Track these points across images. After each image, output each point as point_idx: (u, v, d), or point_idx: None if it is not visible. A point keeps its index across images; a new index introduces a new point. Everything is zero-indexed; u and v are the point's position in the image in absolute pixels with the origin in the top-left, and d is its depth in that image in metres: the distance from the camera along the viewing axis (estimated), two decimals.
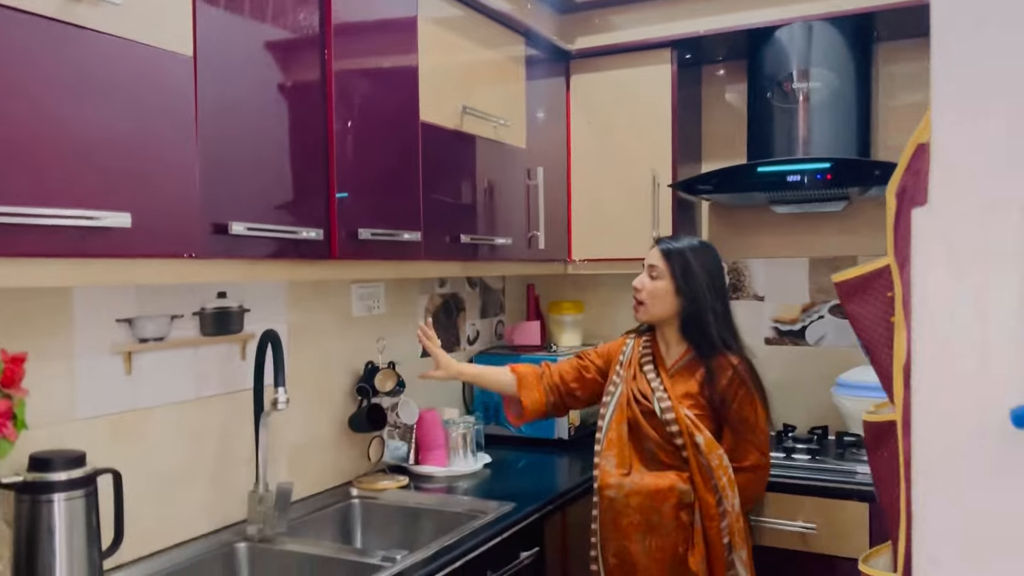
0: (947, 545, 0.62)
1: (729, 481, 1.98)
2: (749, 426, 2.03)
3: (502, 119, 2.52)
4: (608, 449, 2.08)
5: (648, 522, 1.99)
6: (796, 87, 2.69)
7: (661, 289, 2.09)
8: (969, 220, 0.60)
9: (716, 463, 1.98)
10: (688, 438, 2.00)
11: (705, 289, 2.06)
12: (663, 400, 2.04)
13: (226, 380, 2.02)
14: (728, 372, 2.03)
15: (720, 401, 2.02)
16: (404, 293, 2.68)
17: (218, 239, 1.56)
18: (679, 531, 1.98)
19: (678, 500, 1.97)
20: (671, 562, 1.98)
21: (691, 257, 2.08)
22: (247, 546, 1.92)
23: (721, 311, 2.09)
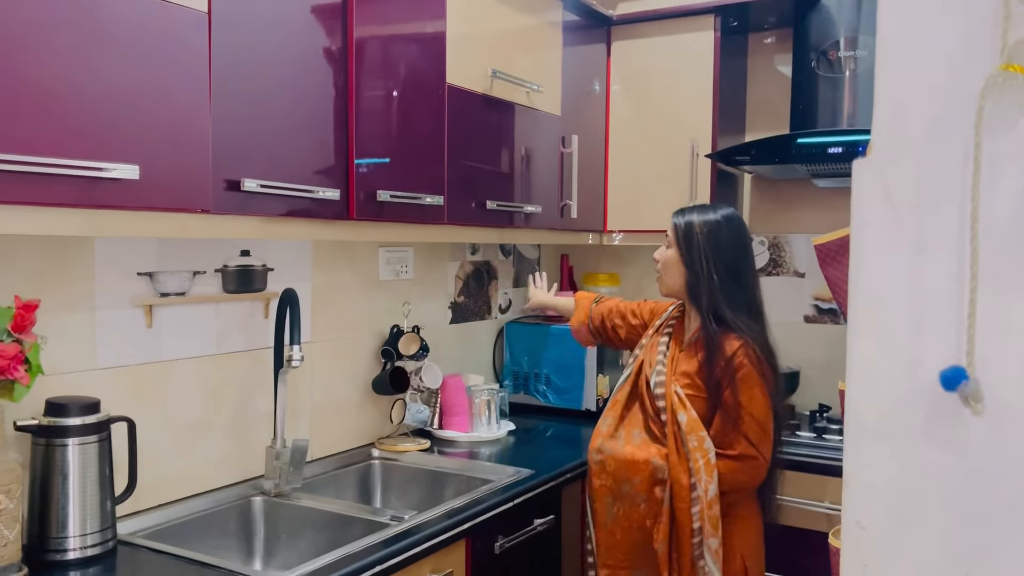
0: (875, 510, 0.59)
1: (706, 465, 1.87)
2: (741, 413, 1.89)
3: (536, 85, 2.48)
4: (610, 409, 2.05)
5: (619, 489, 1.95)
6: (842, 56, 2.59)
7: (671, 258, 2.03)
8: (908, 167, 0.57)
9: (694, 445, 1.88)
10: (671, 414, 1.92)
11: (703, 258, 1.96)
12: (659, 374, 1.98)
13: (248, 337, 2.06)
14: (727, 354, 1.91)
15: (716, 383, 1.92)
16: (434, 259, 2.68)
17: (231, 195, 1.58)
18: (649, 505, 1.91)
19: (651, 475, 1.91)
20: (636, 533, 1.93)
21: (697, 226, 1.98)
22: (263, 500, 1.97)
23: (727, 286, 1.95)
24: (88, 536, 1.54)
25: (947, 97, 0.55)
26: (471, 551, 1.86)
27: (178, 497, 1.89)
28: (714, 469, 1.88)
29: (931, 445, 0.57)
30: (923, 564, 0.57)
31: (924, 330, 0.57)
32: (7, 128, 1.23)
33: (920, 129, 0.57)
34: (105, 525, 1.57)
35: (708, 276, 1.95)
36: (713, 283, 1.95)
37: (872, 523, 0.59)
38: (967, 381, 0.54)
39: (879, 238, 0.58)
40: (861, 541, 0.60)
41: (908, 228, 0.57)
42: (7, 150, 1.22)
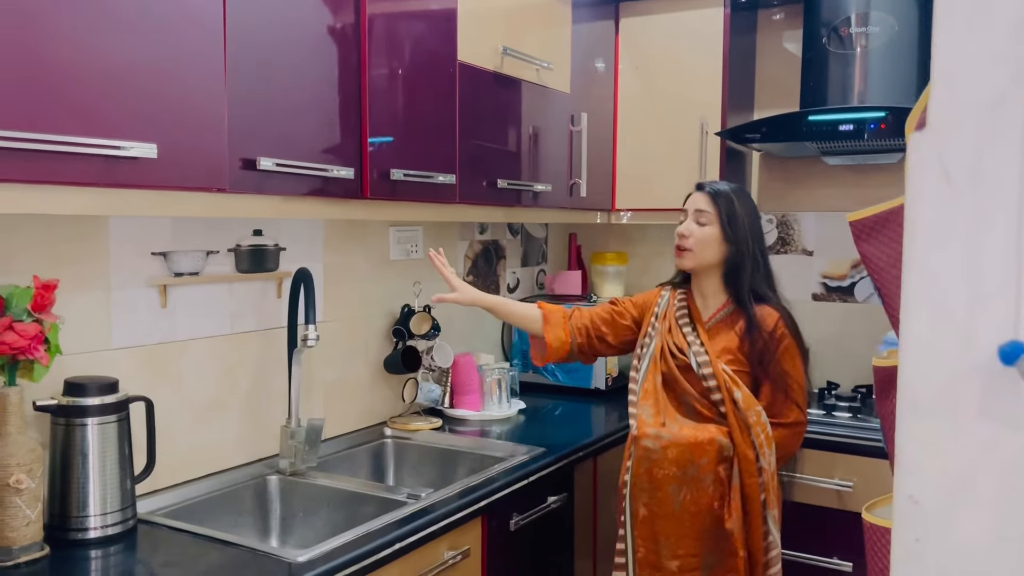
0: (927, 484, 0.59)
1: (767, 438, 1.92)
2: (790, 380, 1.97)
3: (545, 62, 2.47)
4: (644, 399, 2.01)
5: (684, 474, 1.91)
6: (853, 32, 2.57)
7: (710, 235, 2.02)
8: (966, 142, 0.56)
9: (754, 420, 1.92)
10: (727, 394, 1.93)
11: (749, 236, 2.00)
12: (700, 355, 1.98)
13: (261, 317, 2.06)
14: (770, 324, 1.97)
15: (761, 354, 1.96)
16: (443, 238, 2.68)
17: (247, 174, 1.57)
18: (716, 486, 1.91)
19: (718, 454, 1.90)
20: (705, 516, 1.92)
21: (736, 202, 2.02)
22: (278, 479, 1.97)
23: (763, 260, 2.03)
24: (108, 515, 1.54)
25: (1008, 67, 0.54)
26: (487, 529, 1.87)
27: (194, 476, 1.90)
28: (773, 441, 1.94)
29: (986, 420, 0.57)
30: (976, 537, 0.58)
31: (980, 306, 0.56)
32: (23, 107, 1.22)
33: (979, 101, 0.56)
34: (125, 504, 1.57)
35: (753, 254, 2.00)
36: (757, 261, 2.00)
37: (924, 497, 0.60)
38: None
39: (934, 213, 0.58)
40: (913, 515, 0.60)
41: (965, 202, 0.57)
42: (24, 128, 1.21)
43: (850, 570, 2.35)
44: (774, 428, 1.96)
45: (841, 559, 2.36)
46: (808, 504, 2.38)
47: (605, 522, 2.40)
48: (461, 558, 1.77)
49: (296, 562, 1.45)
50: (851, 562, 2.35)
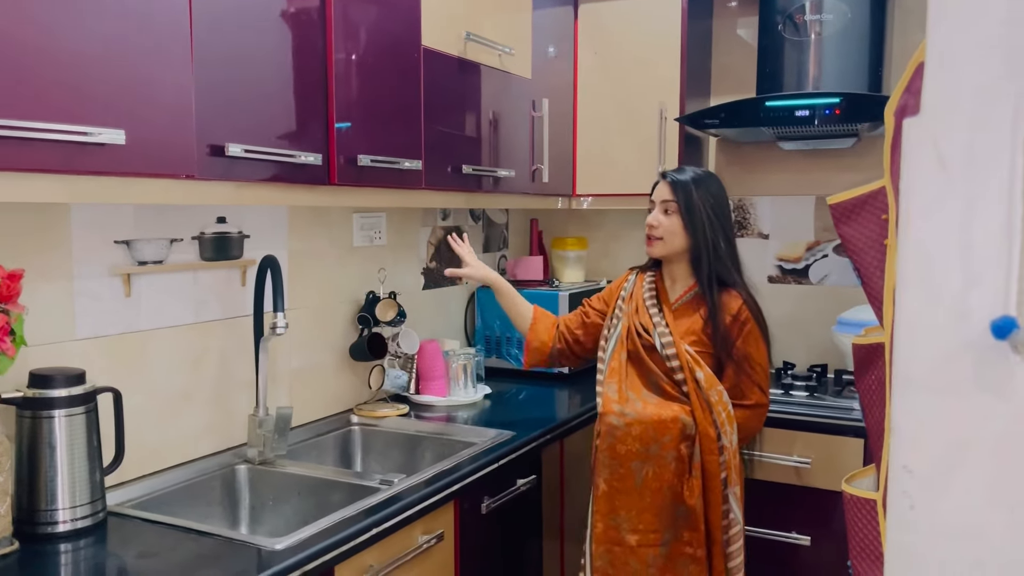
0: (921, 454, 0.62)
1: (728, 417, 1.97)
2: (752, 363, 2.02)
3: (507, 47, 2.47)
4: (611, 377, 2.05)
5: (647, 451, 1.96)
6: (808, 19, 2.63)
7: (676, 224, 2.06)
8: (959, 127, 0.59)
9: (716, 399, 1.97)
10: (689, 373, 1.98)
11: (709, 222, 2.03)
12: (664, 335, 2.03)
13: (226, 305, 2.03)
14: (733, 308, 2.02)
15: (724, 337, 2.00)
16: (406, 224, 2.67)
17: (215, 161, 1.55)
18: (677, 463, 1.96)
19: (680, 432, 1.95)
20: (666, 492, 1.97)
21: (695, 189, 2.04)
22: (247, 468, 1.96)
23: (725, 245, 2.06)
24: (78, 508, 1.52)
25: (1000, 55, 0.57)
26: (459, 512, 1.89)
27: (161, 468, 1.87)
28: (734, 420, 1.99)
29: (978, 391, 0.59)
30: (968, 503, 0.61)
31: (972, 283, 0.59)
32: None
33: (971, 87, 0.59)
34: (95, 497, 1.55)
35: (713, 241, 2.03)
36: (719, 248, 2.04)
37: (919, 467, 0.62)
38: (1018, 330, 0.56)
39: (928, 195, 0.61)
40: (908, 484, 0.63)
41: (958, 185, 0.59)
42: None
43: (808, 543, 2.42)
44: (736, 408, 2.01)
45: (799, 533, 2.43)
46: (768, 481, 2.44)
47: (572, 503, 2.43)
48: (435, 542, 1.78)
49: (273, 550, 1.44)
50: (809, 536, 2.42)
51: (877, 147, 2.83)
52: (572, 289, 2.89)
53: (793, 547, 2.44)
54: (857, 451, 2.35)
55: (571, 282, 3.08)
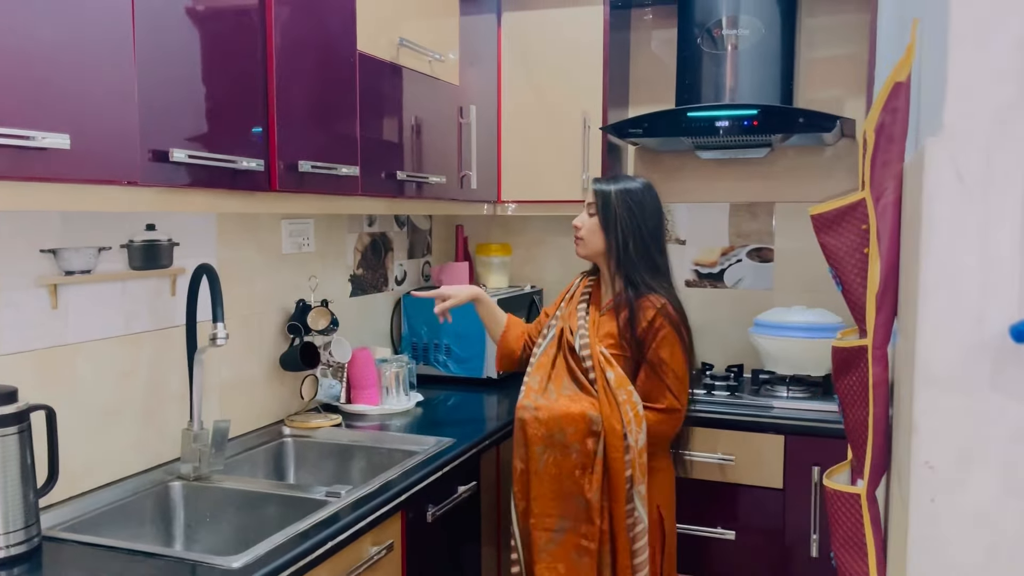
0: (941, 451, 0.67)
1: (636, 416, 2.01)
2: (665, 368, 2.05)
3: (438, 54, 2.47)
4: (536, 371, 2.14)
5: (551, 438, 2.02)
6: (725, 33, 2.73)
7: (593, 225, 2.14)
8: (977, 146, 0.64)
9: (624, 398, 2.01)
10: (600, 372, 2.04)
11: (621, 223, 2.08)
12: (583, 337, 2.10)
13: (156, 316, 1.95)
14: (649, 314, 2.05)
15: (639, 342, 2.06)
16: (333, 231, 2.63)
17: (158, 167, 1.49)
18: (581, 455, 2.01)
19: (587, 426, 2.00)
20: (565, 480, 2.02)
21: (615, 195, 2.10)
22: (181, 484, 1.88)
23: (643, 251, 2.10)
24: (12, 534, 1.43)
25: (1015, 80, 0.62)
26: (406, 522, 1.87)
27: (90, 488, 1.78)
28: (643, 420, 2.03)
29: (994, 390, 0.64)
30: (986, 495, 0.65)
31: (990, 290, 0.64)
32: None
33: (989, 110, 0.63)
34: (29, 521, 1.46)
35: (624, 243, 2.08)
36: (629, 249, 2.08)
37: (939, 463, 0.67)
38: None
39: (949, 209, 0.65)
40: (929, 479, 0.67)
41: (976, 200, 0.64)
42: None
43: (733, 538, 2.51)
44: (649, 411, 2.05)
45: (724, 528, 2.52)
46: (695, 479, 2.52)
47: (508, 508, 2.45)
48: (386, 552, 1.77)
49: (230, 568, 1.40)
50: (734, 530, 2.51)
51: (787, 157, 2.98)
52: (498, 294, 2.91)
53: (720, 542, 2.52)
54: (777, 447, 2.46)
55: (496, 287, 3.10)
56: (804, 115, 2.55)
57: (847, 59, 2.88)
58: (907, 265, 0.82)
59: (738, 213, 3.08)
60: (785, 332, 2.76)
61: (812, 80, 2.93)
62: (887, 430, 0.93)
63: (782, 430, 2.45)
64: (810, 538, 2.41)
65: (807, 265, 2.97)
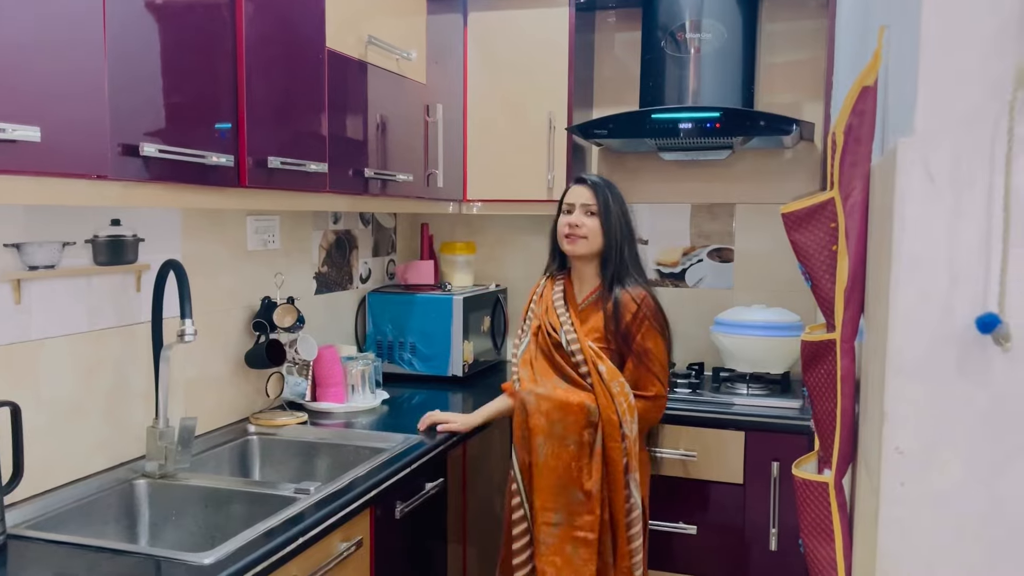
0: (910, 436, 0.70)
1: (629, 407, 2.10)
2: (651, 357, 2.15)
3: (405, 52, 2.48)
4: (522, 366, 2.21)
5: (551, 429, 2.07)
6: (688, 37, 2.78)
7: (597, 226, 2.19)
8: (946, 147, 0.67)
9: (617, 389, 2.09)
10: (592, 366, 2.11)
11: (619, 226, 2.18)
12: (570, 333, 2.15)
13: (121, 312, 1.93)
14: (633, 307, 2.14)
15: (625, 334, 2.13)
16: (298, 228, 2.62)
17: (128, 160, 1.48)
18: (578, 447, 2.06)
19: (585, 417, 2.06)
20: (563, 473, 2.06)
21: (610, 195, 2.19)
22: (147, 483, 1.86)
23: (629, 248, 2.20)
24: None
25: (982, 85, 0.66)
26: (374, 518, 1.87)
27: (55, 485, 1.76)
28: (635, 410, 2.10)
29: (960, 379, 0.68)
30: (952, 477, 0.69)
31: (957, 284, 0.67)
32: None
33: (957, 113, 0.67)
34: None
35: (620, 244, 2.17)
36: (624, 251, 2.17)
37: (908, 448, 0.70)
38: (1000, 324, 0.65)
39: (919, 207, 0.68)
40: (899, 463, 0.71)
41: (945, 199, 0.68)
42: None
43: (695, 532, 2.56)
44: (637, 399, 2.13)
45: (686, 523, 2.57)
46: (659, 474, 2.56)
47: (474, 505, 2.46)
48: (355, 549, 1.77)
49: (202, 564, 1.39)
50: (695, 525, 2.56)
51: (748, 159, 3.04)
52: (464, 293, 2.92)
53: (683, 536, 2.57)
54: (737, 443, 2.51)
55: (461, 286, 3.11)
56: (765, 118, 2.61)
57: (805, 64, 2.95)
58: (875, 261, 0.86)
59: (699, 214, 3.13)
60: (745, 331, 2.82)
61: (771, 84, 2.99)
62: (854, 421, 0.97)
63: (742, 426, 2.50)
64: (769, 532, 2.47)
65: (766, 265, 3.04)
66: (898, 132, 0.77)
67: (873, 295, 0.87)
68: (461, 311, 2.84)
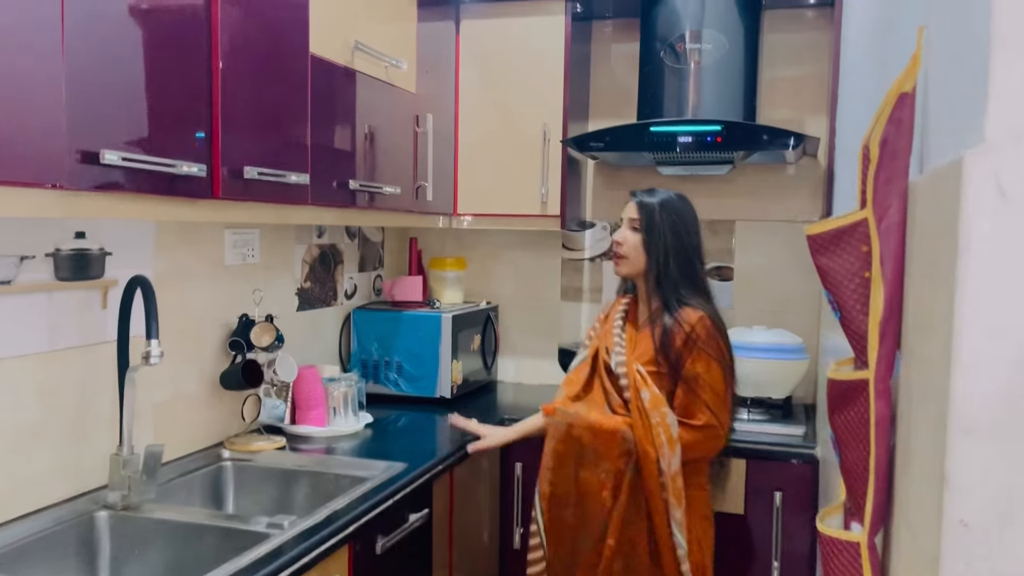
0: (979, 508, 0.58)
1: (668, 439, 1.93)
2: (701, 383, 1.97)
3: (395, 59, 2.37)
4: (567, 384, 2.12)
5: (582, 454, 1.98)
6: (689, 48, 2.68)
7: (640, 242, 2.06)
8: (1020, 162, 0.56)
9: (657, 420, 1.93)
10: (634, 392, 1.97)
11: (664, 241, 2.03)
12: (618, 355, 2.04)
13: (84, 330, 1.81)
14: (684, 331, 1.98)
15: (676, 360, 1.99)
16: (280, 242, 2.50)
17: (87, 169, 1.36)
18: (610, 475, 1.95)
19: (619, 445, 1.94)
20: (590, 500, 1.97)
21: (658, 210, 2.05)
22: (108, 515, 1.74)
23: (680, 266, 2.04)
24: None
25: None
26: (353, 555, 1.75)
27: (10, 518, 1.63)
28: (676, 443, 1.94)
29: None
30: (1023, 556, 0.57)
31: None
32: None
33: None
34: None
35: (665, 262, 2.03)
36: (670, 267, 2.03)
37: (976, 521, 0.59)
38: None
39: (989, 227, 0.57)
40: (964, 539, 0.59)
41: (1020, 218, 0.56)
42: None
43: None
44: (685, 429, 1.96)
45: None
46: None
47: (461, 535, 2.34)
48: None
49: None
50: None
51: (749, 174, 2.93)
52: (454, 311, 2.80)
53: None
54: (739, 471, 2.38)
55: (451, 303, 2.99)
56: (768, 132, 2.51)
57: (808, 79, 2.85)
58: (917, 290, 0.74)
59: None
60: (745, 353, 2.69)
61: (772, 99, 2.89)
62: (889, 471, 0.86)
63: (744, 454, 2.38)
64: (772, 566, 2.34)
65: (767, 284, 2.93)
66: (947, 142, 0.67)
67: (917, 328, 0.75)
68: (450, 329, 2.72)
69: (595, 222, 3.13)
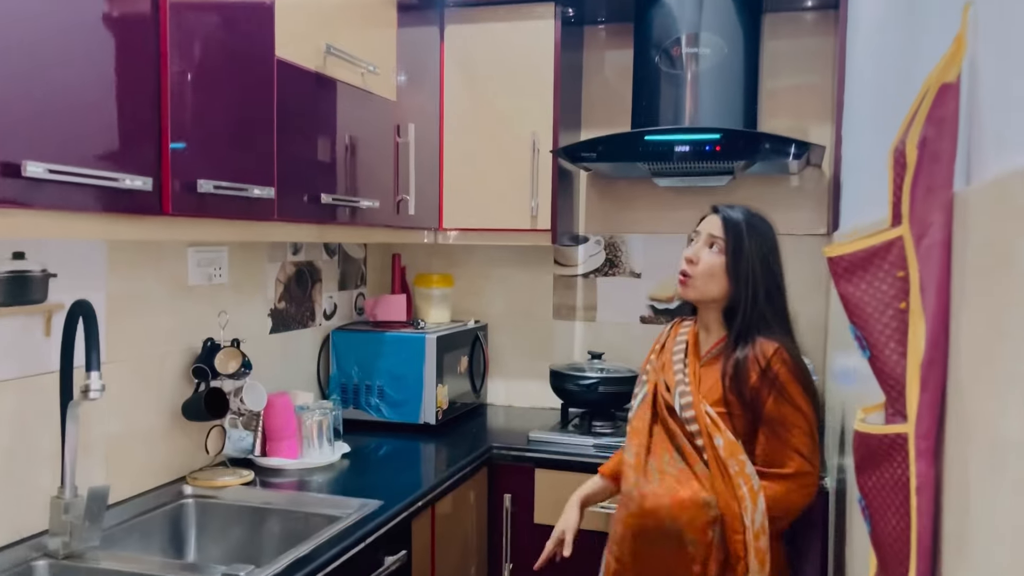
0: None
1: (751, 491, 1.68)
2: (788, 425, 1.73)
3: (372, 65, 2.22)
4: (632, 438, 1.82)
5: (660, 528, 1.70)
6: (685, 53, 2.53)
7: (718, 266, 1.80)
8: None
9: (736, 470, 1.68)
10: (707, 439, 1.72)
11: (753, 272, 1.78)
12: (684, 395, 1.78)
13: (24, 360, 1.65)
14: (759, 365, 1.74)
15: (752, 400, 1.74)
16: (251, 260, 2.34)
17: (7, 183, 1.21)
18: (698, 547, 1.67)
19: (703, 512, 1.68)
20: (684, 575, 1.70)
21: (746, 233, 1.80)
22: (48, 564, 1.57)
23: (768, 298, 1.80)
24: None
25: None
26: None
27: None
28: (759, 495, 1.68)
29: None
30: None
31: None
32: None
33: None
34: None
35: (752, 294, 1.78)
36: (758, 300, 1.78)
37: None
38: None
39: None
40: None
41: None
42: None
43: None
44: (772, 480, 1.72)
45: None
46: None
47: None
48: None
49: None
50: None
51: (750, 186, 2.78)
52: (439, 331, 2.64)
53: None
54: None
55: (437, 323, 2.83)
56: (770, 140, 2.36)
57: (810, 87, 2.71)
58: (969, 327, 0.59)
59: None
60: None
61: (774, 107, 2.74)
62: (934, 547, 0.70)
63: None
64: None
65: None
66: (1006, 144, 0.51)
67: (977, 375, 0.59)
68: (435, 351, 2.56)
69: (588, 236, 2.97)
